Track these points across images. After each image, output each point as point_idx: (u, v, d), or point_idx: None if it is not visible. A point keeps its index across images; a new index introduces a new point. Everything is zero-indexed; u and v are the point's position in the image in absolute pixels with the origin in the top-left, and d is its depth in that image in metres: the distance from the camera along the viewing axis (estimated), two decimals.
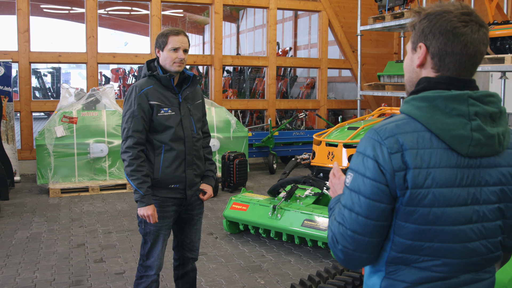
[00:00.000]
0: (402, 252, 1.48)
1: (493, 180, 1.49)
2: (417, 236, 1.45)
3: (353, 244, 1.48)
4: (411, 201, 1.43)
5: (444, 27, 1.48)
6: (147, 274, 3.32)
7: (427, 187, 1.42)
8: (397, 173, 1.42)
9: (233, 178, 8.29)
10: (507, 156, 1.52)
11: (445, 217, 1.44)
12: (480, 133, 1.44)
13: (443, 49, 1.49)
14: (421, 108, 1.47)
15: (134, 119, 3.13)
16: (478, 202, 1.47)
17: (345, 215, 1.50)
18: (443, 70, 1.51)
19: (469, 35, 1.47)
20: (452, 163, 1.44)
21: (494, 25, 7.65)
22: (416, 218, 1.44)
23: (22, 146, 9.70)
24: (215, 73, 10.70)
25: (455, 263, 1.47)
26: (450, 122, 1.44)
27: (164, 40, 3.20)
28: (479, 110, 1.45)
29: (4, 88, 8.72)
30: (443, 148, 1.45)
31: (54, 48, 27.19)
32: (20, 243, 5.72)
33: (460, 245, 1.46)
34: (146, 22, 10.45)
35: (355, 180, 1.49)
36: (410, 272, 1.49)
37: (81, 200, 7.77)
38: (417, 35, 1.55)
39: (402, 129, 1.46)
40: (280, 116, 13.13)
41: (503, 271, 2.59)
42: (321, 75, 11.62)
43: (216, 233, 6.14)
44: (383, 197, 1.44)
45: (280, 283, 4.63)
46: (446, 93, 1.45)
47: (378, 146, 1.45)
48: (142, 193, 3.13)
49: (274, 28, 11.09)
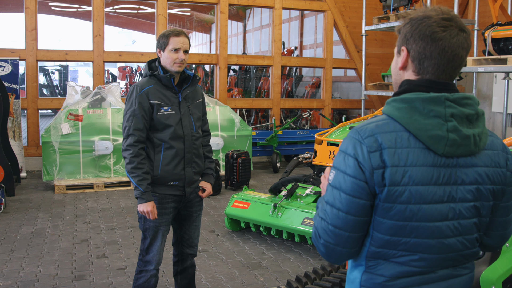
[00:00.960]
0: (381, 247, 1.54)
1: (469, 179, 1.55)
2: (394, 231, 1.51)
3: (334, 239, 1.54)
4: (389, 198, 1.49)
5: (423, 32, 1.54)
6: (146, 269, 3.40)
7: (403, 184, 1.48)
8: (375, 171, 1.49)
9: (236, 177, 8.36)
10: (483, 157, 1.58)
11: (421, 213, 1.49)
12: (456, 133, 1.50)
13: (422, 53, 1.55)
14: (400, 109, 1.53)
15: (135, 118, 3.21)
16: (454, 200, 1.53)
17: (327, 211, 1.56)
18: (422, 73, 1.57)
19: (448, 40, 1.52)
20: (428, 162, 1.50)
21: (497, 26, 7.67)
22: (393, 214, 1.50)
23: (29, 143, 9.82)
24: (220, 72, 10.77)
25: (431, 258, 1.53)
26: (427, 123, 1.49)
27: (165, 41, 3.27)
28: (456, 112, 1.51)
29: (11, 85, 8.84)
30: (421, 147, 1.50)
31: (61, 46, 27.30)
32: (25, 238, 5.82)
33: (436, 241, 1.52)
34: (153, 21, 10.54)
35: (337, 177, 1.55)
36: (388, 267, 1.55)
37: (85, 196, 7.87)
38: (401, 39, 1.63)
39: (382, 129, 1.52)
40: (285, 115, 13.18)
41: (492, 269, 2.64)
42: (326, 75, 11.66)
43: (217, 230, 6.22)
44: (362, 194, 1.50)
45: (279, 280, 4.69)
46: (424, 95, 1.51)
47: (358, 145, 1.51)
48: (142, 190, 3.21)
49: (279, 27, 11.15)
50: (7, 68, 8.82)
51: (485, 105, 9.92)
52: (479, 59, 7.51)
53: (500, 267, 2.66)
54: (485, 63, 7.47)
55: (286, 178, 5.96)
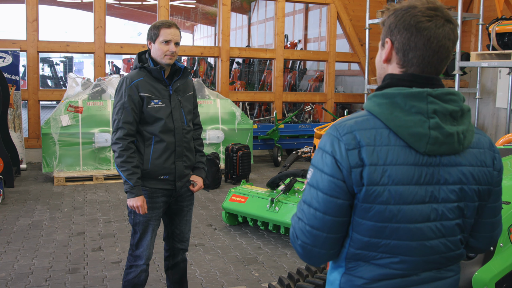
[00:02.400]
0: (361, 249, 1.48)
1: (452, 178, 1.48)
2: (374, 233, 1.45)
3: (312, 240, 1.48)
4: (367, 198, 1.43)
5: (408, 22, 1.47)
6: (136, 264, 3.35)
7: (383, 184, 1.42)
8: (353, 169, 1.42)
9: (236, 170, 8.31)
10: (468, 155, 1.51)
11: (401, 214, 1.43)
12: (438, 131, 1.43)
13: (406, 43, 1.48)
14: (381, 105, 1.46)
15: (125, 111, 3.16)
16: (436, 201, 1.46)
17: (304, 210, 1.50)
18: (407, 65, 1.50)
19: (433, 30, 1.45)
20: (409, 161, 1.44)
21: (502, 20, 7.56)
22: (372, 215, 1.44)
23: (30, 135, 9.81)
24: (222, 64, 10.70)
25: (413, 260, 1.47)
26: (408, 120, 1.43)
27: (156, 32, 3.21)
28: (438, 108, 1.44)
29: (12, 76, 8.81)
30: (401, 145, 1.44)
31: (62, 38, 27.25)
32: (21, 230, 5.80)
33: (417, 243, 1.46)
34: (156, 12, 10.46)
35: (314, 175, 1.49)
36: (368, 269, 1.49)
37: (84, 189, 7.85)
38: (385, 31, 1.55)
39: (361, 126, 1.45)
40: (288, 109, 13.11)
41: (485, 270, 2.58)
42: (329, 69, 11.57)
43: (215, 224, 6.18)
44: (340, 193, 1.44)
45: (274, 276, 4.65)
46: (406, 90, 1.44)
47: (336, 142, 1.45)
48: (132, 184, 3.16)
49: (282, 20, 11.05)
50: (7, 59, 8.79)
51: (489, 100, 9.81)
52: (483, 54, 7.40)
53: (493, 268, 2.59)
54: (489, 58, 7.36)
55: (284, 172, 5.90)
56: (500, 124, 9.64)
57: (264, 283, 4.49)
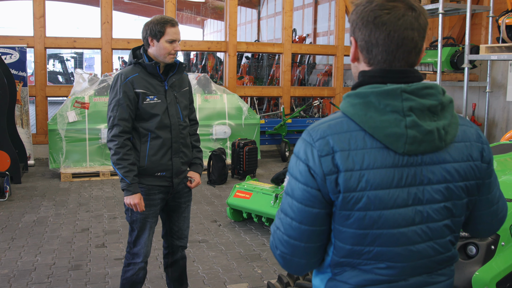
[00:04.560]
0: (344, 257, 1.42)
1: (436, 178, 1.40)
2: (355, 240, 1.38)
3: (290, 250, 1.42)
4: (345, 205, 1.36)
5: (366, 18, 1.38)
6: (134, 262, 3.32)
7: (360, 190, 1.34)
8: (327, 176, 1.35)
9: (243, 166, 8.27)
10: (453, 151, 1.42)
11: (382, 220, 1.36)
12: (416, 129, 1.34)
13: (368, 41, 1.39)
14: (355, 105, 1.38)
15: (120, 108, 3.12)
16: (421, 202, 1.38)
17: (281, 220, 1.44)
18: (373, 62, 1.41)
19: (392, 23, 1.36)
20: (388, 163, 1.35)
21: (511, 13, 7.41)
22: (352, 222, 1.37)
23: (37, 131, 9.84)
24: (230, 59, 10.64)
25: (399, 266, 1.40)
26: (383, 120, 1.34)
27: (161, 30, 3.12)
28: (414, 105, 1.35)
29: (19, 73, 8.83)
30: (378, 147, 1.36)
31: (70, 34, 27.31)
32: (26, 226, 5.81)
33: (402, 249, 1.38)
34: (163, 7, 10.42)
35: (290, 183, 1.42)
36: (353, 274, 1.42)
37: (91, 185, 7.85)
38: (350, 30, 1.46)
39: (334, 130, 1.37)
40: (298, 103, 13.02)
41: (485, 269, 2.51)
42: (337, 63, 11.46)
43: (220, 220, 6.14)
44: (315, 202, 1.37)
45: (277, 273, 4.60)
46: (379, 88, 1.36)
47: (309, 149, 1.38)
48: (129, 182, 3.13)
49: (290, 14, 10.96)
50: (14, 56, 8.81)
51: (499, 94, 9.65)
52: (493, 47, 7.27)
53: (495, 267, 2.52)
54: (499, 50, 7.23)
55: None
56: (511, 118, 9.48)
57: (266, 280, 4.44)
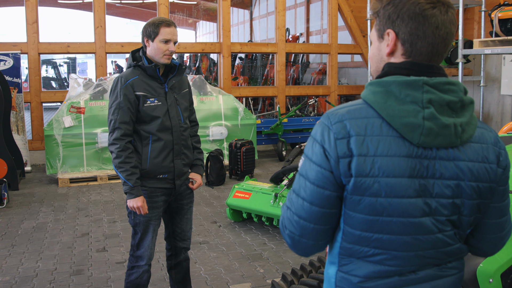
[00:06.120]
0: (353, 243, 1.44)
1: (449, 173, 1.41)
2: (365, 226, 1.40)
3: (299, 230, 1.45)
4: (356, 190, 1.38)
5: (412, 11, 1.40)
6: (138, 265, 3.32)
7: (372, 175, 1.36)
8: (341, 159, 1.38)
9: (241, 166, 8.27)
10: (469, 150, 1.44)
11: (392, 208, 1.38)
12: (433, 122, 1.36)
13: (414, 33, 1.41)
14: (376, 93, 1.41)
15: (121, 111, 3.12)
16: (430, 195, 1.40)
17: (292, 200, 1.47)
18: (415, 55, 1.43)
19: (439, 17, 1.40)
20: (402, 153, 1.37)
21: (504, 6, 7.46)
22: (362, 207, 1.39)
23: (33, 137, 9.80)
24: (224, 60, 10.65)
25: (406, 256, 1.41)
26: (402, 109, 1.37)
27: (155, 31, 3.15)
28: (434, 98, 1.37)
29: (13, 79, 8.80)
30: (394, 136, 1.38)
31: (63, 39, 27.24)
32: (26, 233, 5.79)
33: (410, 237, 1.40)
34: (156, 10, 10.42)
35: (304, 164, 1.45)
36: (362, 266, 1.44)
37: (89, 189, 7.84)
38: (383, 22, 1.46)
39: (352, 115, 1.40)
40: (292, 102, 13.04)
41: (490, 261, 2.52)
42: (331, 61, 11.49)
43: (220, 221, 6.14)
44: (327, 184, 1.40)
45: (279, 272, 4.61)
46: (402, 79, 1.39)
47: (326, 131, 1.41)
48: (131, 185, 3.13)
49: (283, 14, 10.97)
50: (8, 62, 8.78)
51: (494, 87, 9.70)
52: (486, 41, 7.31)
53: (499, 259, 2.53)
54: (492, 44, 7.26)
55: (287, 167, 5.85)
56: (505, 111, 9.53)
57: (269, 279, 4.45)
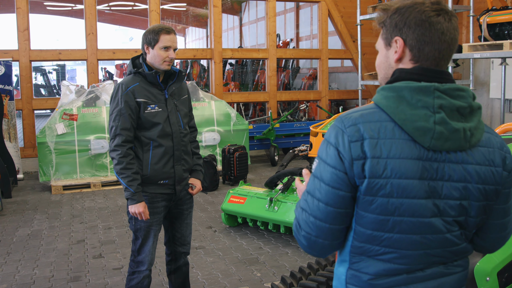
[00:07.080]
0: (364, 242, 1.49)
1: (457, 176, 1.48)
2: (377, 226, 1.46)
3: (315, 230, 1.50)
4: (369, 191, 1.44)
5: (419, 18, 1.48)
6: (138, 270, 3.35)
7: (385, 177, 1.43)
8: (355, 161, 1.44)
9: (234, 171, 8.31)
10: (476, 153, 1.50)
11: (403, 208, 1.44)
12: (444, 126, 1.43)
13: (421, 39, 1.49)
14: (388, 98, 1.47)
15: (122, 117, 3.15)
16: (439, 196, 1.46)
17: (308, 201, 1.52)
18: (422, 60, 1.50)
19: (444, 23, 1.48)
20: (413, 155, 1.44)
21: (493, 11, 7.59)
22: (374, 207, 1.45)
23: (25, 144, 9.78)
24: (215, 66, 10.70)
25: (415, 254, 1.47)
26: (414, 114, 1.43)
27: (155, 38, 3.19)
28: (445, 103, 1.44)
29: (5, 87, 8.78)
30: (406, 139, 1.45)
31: (54, 46, 27.14)
32: (21, 240, 5.78)
33: (419, 237, 1.46)
34: (147, 17, 10.46)
35: (319, 166, 1.51)
36: (372, 264, 1.50)
37: (83, 196, 7.83)
38: (390, 30, 1.54)
39: (366, 119, 1.47)
40: (283, 108, 13.11)
41: (486, 260, 2.58)
42: (322, 66, 11.59)
43: (215, 226, 6.17)
44: (342, 185, 1.46)
45: (276, 275, 4.65)
46: (414, 84, 1.45)
47: (340, 134, 1.47)
48: (133, 191, 3.16)
49: (274, 20, 11.06)
50: (0, 70, 8.75)
51: (483, 91, 9.84)
52: (475, 45, 7.43)
53: (495, 258, 2.60)
54: (481, 49, 7.38)
55: (282, 171, 5.91)
56: (494, 115, 9.67)
57: (266, 283, 4.49)
